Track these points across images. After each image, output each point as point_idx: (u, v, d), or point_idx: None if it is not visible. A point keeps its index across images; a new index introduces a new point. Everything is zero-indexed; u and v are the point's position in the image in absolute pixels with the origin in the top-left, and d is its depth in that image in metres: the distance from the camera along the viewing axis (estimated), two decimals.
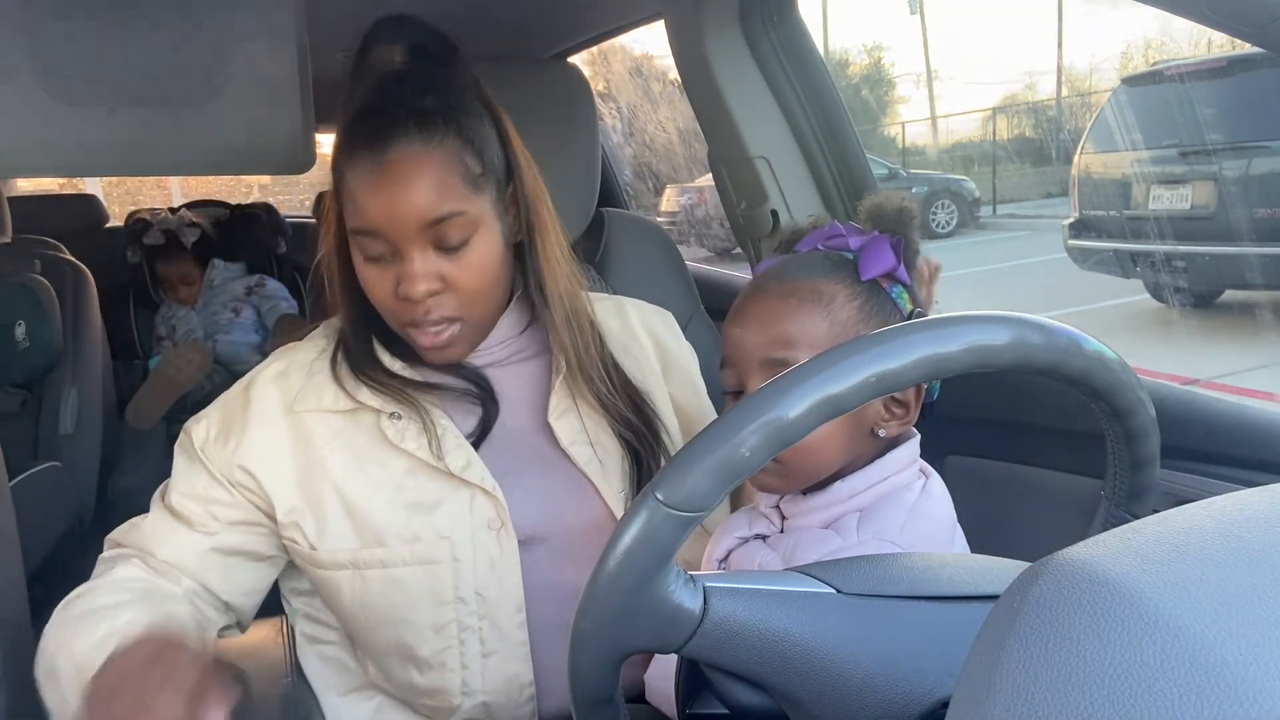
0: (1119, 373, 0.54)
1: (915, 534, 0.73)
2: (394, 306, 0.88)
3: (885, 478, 0.76)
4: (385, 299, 0.88)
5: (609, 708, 0.55)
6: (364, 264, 0.88)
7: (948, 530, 0.77)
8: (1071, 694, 0.30)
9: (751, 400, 0.47)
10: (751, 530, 0.81)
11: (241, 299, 3.11)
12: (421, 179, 0.84)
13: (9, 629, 0.90)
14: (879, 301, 0.77)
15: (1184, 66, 5.40)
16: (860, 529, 0.73)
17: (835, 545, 0.73)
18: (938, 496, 0.78)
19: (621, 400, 0.96)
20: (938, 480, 0.79)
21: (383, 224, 0.84)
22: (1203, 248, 5.03)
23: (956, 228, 11.02)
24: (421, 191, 0.84)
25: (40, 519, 1.86)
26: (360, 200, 0.85)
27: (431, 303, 0.86)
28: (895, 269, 0.77)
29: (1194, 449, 0.95)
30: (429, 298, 0.86)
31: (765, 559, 0.77)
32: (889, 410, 0.76)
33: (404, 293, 0.85)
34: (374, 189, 0.84)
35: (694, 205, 10.36)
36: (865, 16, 38.88)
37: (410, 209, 0.84)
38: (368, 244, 0.86)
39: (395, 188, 0.84)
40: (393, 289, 0.87)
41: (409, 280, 0.85)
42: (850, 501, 0.75)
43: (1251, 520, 0.35)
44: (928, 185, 11.16)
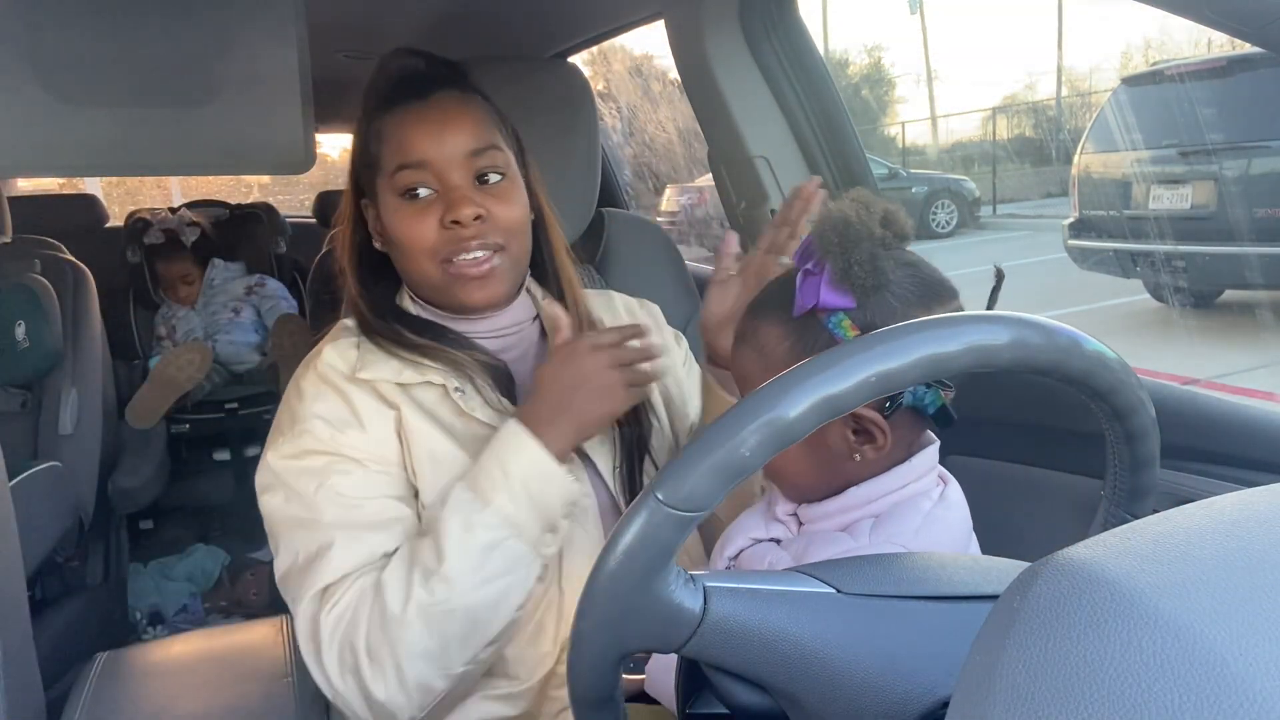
0: (1119, 373, 0.54)
1: (929, 540, 0.71)
2: (437, 241, 0.93)
3: (903, 485, 0.74)
4: (428, 234, 0.93)
5: (609, 707, 0.55)
6: (403, 204, 0.94)
7: (963, 538, 0.76)
8: (1071, 694, 0.30)
9: (751, 400, 0.47)
10: (768, 534, 0.81)
11: (241, 299, 3.11)
12: (463, 117, 0.95)
13: (9, 629, 0.90)
14: (812, 337, 0.72)
15: (1184, 66, 5.40)
16: (874, 533, 0.72)
17: (847, 546, 0.72)
18: (955, 505, 0.76)
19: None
20: (956, 488, 0.78)
21: (431, 152, 0.92)
22: (1203, 248, 5.03)
23: (956, 228, 11.01)
24: (465, 125, 0.94)
25: (40, 519, 1.85)
26: (406, 136, 0.93)
27: (478, 228, 0.93)
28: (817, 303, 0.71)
29: (1194, 449, 0.95)
30: (475, 222, 0.92)
31: (776, 558, 0.77)
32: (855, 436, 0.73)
33: (453, 216, 0.91)
34: (420, 124, 0.93)
35: (694, 205, 10.35)
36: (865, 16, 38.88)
37: (456, 137, 0.93)
38: (411, 177, 0.93)
39: (442, 120, 0.94)
40: (437, 223, 0.92)
41: (458, 204, 0.91)
42: (866, 507, 0.74)
43: (1252, 520, 0.35)
44: (927, 185, 11.15)
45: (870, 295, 0.71)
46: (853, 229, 0.70)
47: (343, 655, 0.83)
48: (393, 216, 0.95)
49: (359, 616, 0.83)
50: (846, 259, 0.70)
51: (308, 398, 0.93)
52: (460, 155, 0.93)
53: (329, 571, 0.85)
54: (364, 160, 0.98)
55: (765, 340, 0.75)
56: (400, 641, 0.81)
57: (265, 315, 3.08)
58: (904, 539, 0.71)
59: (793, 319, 0.73)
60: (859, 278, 0.70)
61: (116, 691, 1.02)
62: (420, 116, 0.94)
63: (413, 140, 0.93)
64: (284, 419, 0.94)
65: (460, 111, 0.95)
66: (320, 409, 0.91)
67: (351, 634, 0.83)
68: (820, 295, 0.71)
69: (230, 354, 3.00)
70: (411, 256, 0.95)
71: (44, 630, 1.81)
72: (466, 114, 0.95)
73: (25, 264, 2.18)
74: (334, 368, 0.94)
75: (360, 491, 0.89)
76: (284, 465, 0.90)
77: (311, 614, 0.85)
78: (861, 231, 0.70)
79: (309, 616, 0.85)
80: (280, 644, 1.11)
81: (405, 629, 0.81)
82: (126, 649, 1.14)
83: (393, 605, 0.82)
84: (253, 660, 1.08)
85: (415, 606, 0.81)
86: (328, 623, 0.84)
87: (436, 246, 0.93)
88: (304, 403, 0.92)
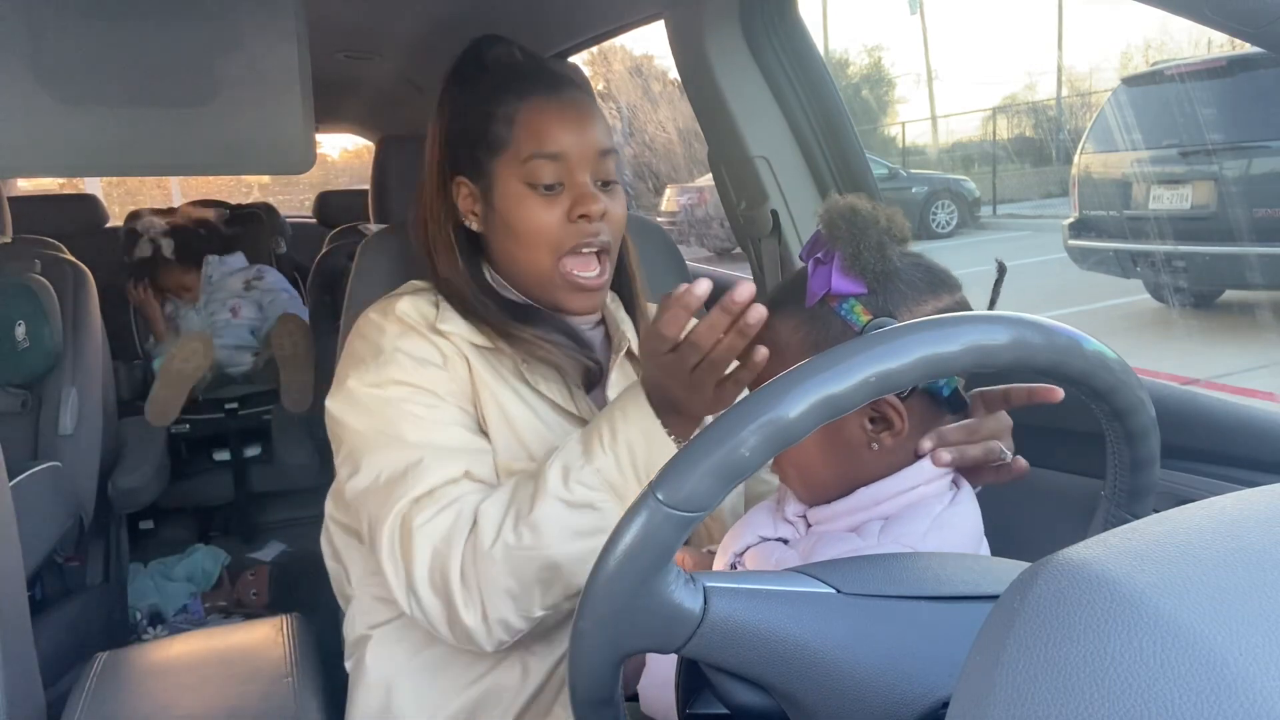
0: (1119, 373, 0.54)
1: (937, 543, 0.71)
2: (561, 234, 0.95)
3: (913, 486, 0.74)
4: (552, 225, 0.95)
5: (609, 707, 0.55)
6: (529, 194, 0.95)
7: (972, 544, 0.76)
8: (1071, 694, 0.30)
9: (751, 400, 0.47)
10: (776, 533, 0.80)
11: (240, 295, 3.10)
12: (594, 115, 0.98)
13: (9, 629, 0.89)
14: (824, 324, 0.73)
15: (1184, 66, 5.40)
16: (882, 534, 0.72)
17: (855, 546, 0.72)
18: (966, 509, 0.76)
19: None
20: (969, 492, 0.77)
21: (568, 147, 0.95)
22: (1203, 248, 5.03)
23: (956, 228, 11.01)
24: (597, 123, 0.98)
25: (40, 519, 1.85)
26: (545, 126, 0.95)
27: (600, 225, 0.96)
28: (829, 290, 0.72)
29: (1194, 449, 0.95)
30: (600, 219, 0.95)
31: (783, 557, 0.76)
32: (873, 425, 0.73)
33: (582, 210, 0.94)
34: (559, 116, 0.96)
35: (694, 205, 10.35)
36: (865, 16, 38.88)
37: (592, 134, 0.96)
38: (544, 169, 0.95)
39: (579, 116, 0.97)
40: (562, 216, 0.95)
41: (588, 199, 0.95)
42: (875, 508, 0.74)
43: (1252, 520, 0.35)
44: (928, 185, 11.15)
45: (881, 281, 0.72)
46: (861, 216, 0.72)
47: (433, 575, 0.85)
48: (515, 202, 0.96)
49: (454, 539, 0.85)
50: (856, 245, 0.71)
51: (390, 334, 0.95)
52: (594, 153, 0.96)
53: (420, 484, 0.87)
54: (474, 139, 0.99)
55: (780, 334, 0.76)
56: (486, 576, 0.83)
57: (267, 309, 3.07)
58: (912, 540, 0.71)
59: (805, 309, 0.74)
60: (870, 263, 0.71)
61: (116, 691, 1.02)
62: (560, 109, 0.96)
63: (552, 131, 0.95)
64: (363, 350, 0.95)
65: (590, 109, 0.98)
66: (404, 345, 0.94)
67: (445, 556, 0.84)
68: (832, 282, 0.72)
69: (223, 358, 3.00)
70: (529, 245, 0.97)
71: (44, 630, 1.81)
72: (595, 113, 0.98)
73: (25, 264, 2.18)
74: (413, 317, 0.96)
75: (442, 419, 0.91)
76: (367, 392, 0.92)
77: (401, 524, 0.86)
78: (869, 219, 0.72)
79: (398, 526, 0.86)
80: (280, 644, 1.11)
81: (491, 565, 0.83)
82: (126, 649, 1.13)
83: (484, 539, 0.83)
84: (253, 660, 1.08)
85: (501, 546, 0.83)
86: (421, 539, 0.85)
87: (560, 239, 0.95)
88: (387, 337, 0.95)
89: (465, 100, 1.00)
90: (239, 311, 3.07)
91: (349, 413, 0.93)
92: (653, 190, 12.20)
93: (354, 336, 0.99)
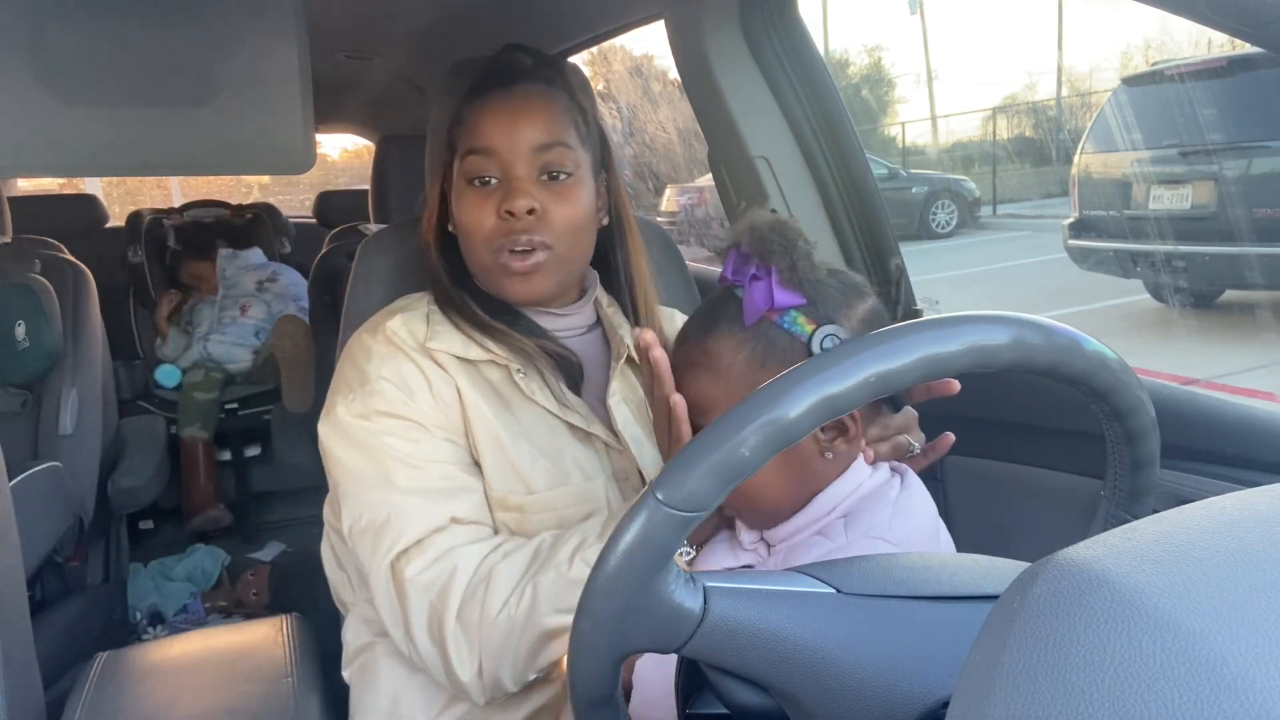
0: (1119, 373, 0.54)
1: (903, 528, 0.73)
2: (490, 231, 0.95)
3: (862, 481, 0.76)
4: (483, 222, 0.95)
5: (609, 707, 0.55)
6: (468, 189, 0.96)
7: (931, 527, 0.78)
8: (1071, 694, 0.30)
9: (752, 400, 0.47)
10: (738, 562, 0.81)
11: (252, 294, 3.11)
12: (540, 110, 0.96)
13: (9, 629, 0.89)
14: (767, 340, 0.74)
15: (1184, 66, 5.39)
16: (849, 530, 0.73)
17: (826, 548, 0.73)
18: (918, 492, 0.78)
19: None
20: (914, 476, 0.80)
21: (498, 141, 0.94)
22: (1203, 248, 5.03)
23: (956, 228, 11.01)
24: (539, 119, 0.95)
25: (40, 519, 1.85)
26: (481, 123, 0.95)
27: (529, 222, 0.94)
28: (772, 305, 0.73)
29: (1194, 449, 0.95)
30: (528, 215, 0.93)
31: None
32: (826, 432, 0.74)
33: (507, 207, 0.93)
34: (496, 113, 0.95)
35: (694, 205, 10.35)
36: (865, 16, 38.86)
37: (527, 130, 0.94)
38: (479, 163, 0.95)
39: (516, 112, 0.95)
40: (494, 210, 0.94)
41: (514, 194, 0.93)
42: (833, 511, 0.75)
43: (1252, 520, 0.35)
44: (928, 185, 11.14)
45: (816, 290, 0.74)
46: (789, 230, 0.74)
47: (430, 628, 0.85)
48: (458, 198, 0.97)
49: (449, 593, 0.85)
50: (790, 258, 0.73)
51: (377, 358, 0.94)
52: (527, 148, 0.94)
53: (406, 534, 0.87)
54: (446, 143, 1.02)
55: (720, 358, 0.75)
56: (487, 638, 0.83)
57: (275, 312, 3.08)
58: (880, 530, 0.72)
59: (744, 328, 0.74)
60: (806, 273, 0.73)
61: (116, 691, 1.02)
62: (498, 105, 0.96)
63: (485, 127, 0.95)
64: (351, 376, 0.95)
65: (538, 104, 0.96)
66: (389, 372, 0.93)
67: (440, 611, 0.84)
68: (774, 297, 0.73)
69: (221, 353, 3.00)
70: (470, 241, 0.97)
71: (44, 630, 1.81)
72: (543, 107, 0.96)
73: (25, 264, 2.18)
74: (402, 336, 0.96)
75: (427, 456, 0.90)
76: (353, 423, 0.91)
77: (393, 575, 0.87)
78: (795, 232, 0.74)
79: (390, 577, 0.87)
80: (280, 644, 1.11)
81: (493, 630, 0.83)
82: (126, 649, 1.13)
83: (492, 604, 0.83)
84: (253, 660, 1.08)
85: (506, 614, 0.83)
86: (415, 592, 0.85)
87: (490, 235, 0.95)
88: (373, 363, 0.94)
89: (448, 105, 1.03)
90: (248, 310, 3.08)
91: (336, 443, 0.92)
92: (653, 190, 12.19)
93: (344, 358, 0.99)
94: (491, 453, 0.93)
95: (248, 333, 3.05)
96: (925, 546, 0.75)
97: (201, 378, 2.93)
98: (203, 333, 3.04)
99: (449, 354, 0.95)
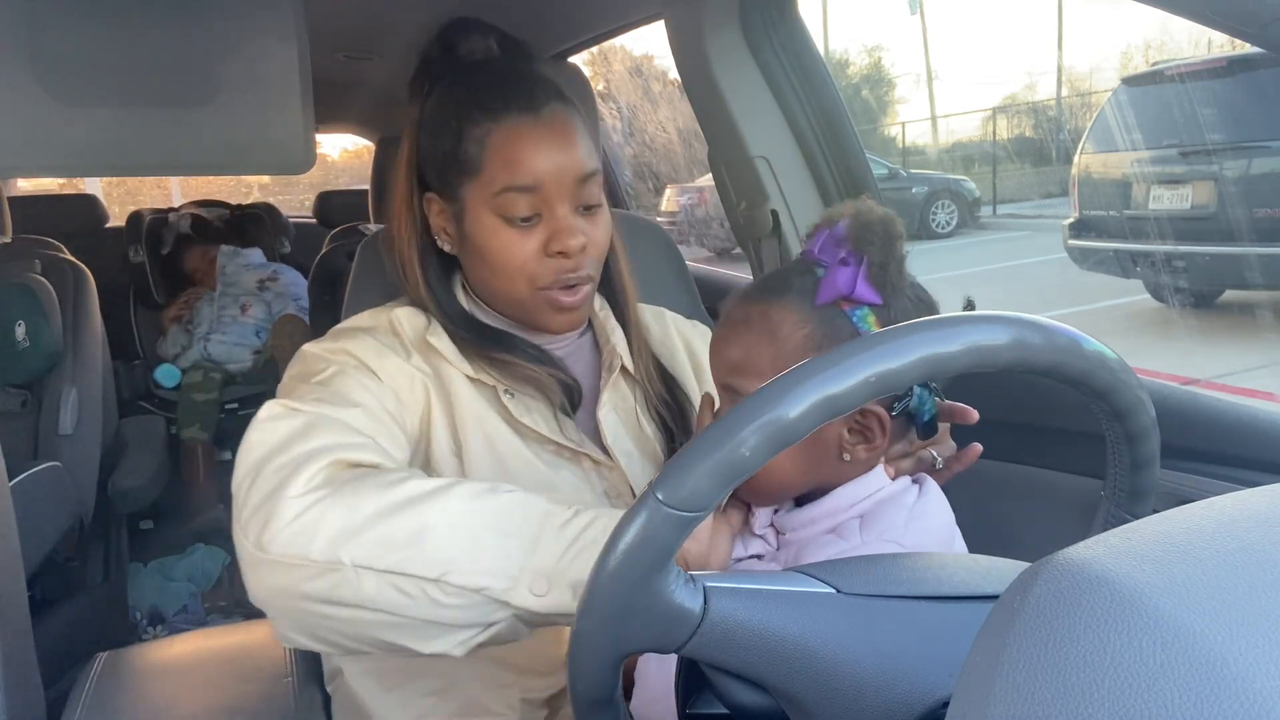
0: (1119, 373, 0.54)
1: (917, 534, 0.73)
2: (538, 269, 0.89)
3: (885, 484, 0.76)
4: (528, 261, 0.88)
5: (609, 707, 0.55)
6: (503, 228, 0.88)
7: (947, 532, 0.77)
8: (1071, 694, 0.30)
9: (752, 400, 0.47)
10: (747, 551, 0.81)
11: (253, 293, 3.11)
12: (576, 135, 0.89)
13: (9, 629, 0.90)
14: (833, 327, 0.72)
15: (1184, 66, 5.39)
16: (864, 531, 0.73)
17: (840, 548, 0.72)
18: (935, 499, 0.78)
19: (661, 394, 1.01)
20: (933, 484, 0.79)
21: (545, 177, 0.86)
22: (1203, 248, 5.03)
23: (956, 228, 11.01)
24: (579, 145, 0.88)
25: (40, 519, 1.85)
26: (519, 154, 0.86)
27: (579, 259, 0.89)
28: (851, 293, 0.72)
29: (1194, 449, 0.95)
30: (580, 252, 0.88)
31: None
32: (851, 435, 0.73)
33: (559, 248, 0.87)
34: (534, 142, 0.86)
35: (694, 205, 10.35)
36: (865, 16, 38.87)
37: (571, 161, 0.87)
38: (517, 202, 0.87)
39: (557, 139, 0.87)
40: (539, 249, 0.88)
41: (566, 234, 0.87)
42: (852, 509, 0.75)
43: (1252, 520, 0.35)
44: (928, 185, 11.14)
45: (895, 296, 0.72)
46: (895, 230, 0.72)
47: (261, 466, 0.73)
48: (488, 234, 0.89)
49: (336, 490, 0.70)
50: (886, 257, 0.71)
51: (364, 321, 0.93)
52: (573, 178, 0.88)
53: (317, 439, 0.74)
54: (444, 157, 0.91)
55: (779, 326, 0.74)
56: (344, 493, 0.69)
57: (274, 311, 3.09)
58: (896, 534, 0.72)
59: (813, 306, 0.73)
60: (894, 276, 0.72)
61: (116, 691, 1.02)
62: (535, 133, 0.87)
63: (527, 160, 0.86)
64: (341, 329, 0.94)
65: (573, 130, 0.89)
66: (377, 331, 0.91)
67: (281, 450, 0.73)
68: (855, 287, 0.71)
69: (222, 354, 3.01)
70: (503, 276, 0.90)
71: (44, 630, 1.81)
72: (578, 133, 0.89)
73: (25, 264, 2.18)
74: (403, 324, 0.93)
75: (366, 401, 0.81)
76: (313, 351, 0.89)
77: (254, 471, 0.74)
78: (899, 235, 0.72)
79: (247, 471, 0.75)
80: (280, 644, 1.11)
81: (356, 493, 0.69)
82: (126, 649, 1.14)
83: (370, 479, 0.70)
84: (253, 660, 1.08)
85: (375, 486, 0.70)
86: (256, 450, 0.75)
87: (536, 273, 0.89)
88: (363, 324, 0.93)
89: (436, 108, 0.92)
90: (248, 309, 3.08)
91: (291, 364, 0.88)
92: (653, 190, 12.19)
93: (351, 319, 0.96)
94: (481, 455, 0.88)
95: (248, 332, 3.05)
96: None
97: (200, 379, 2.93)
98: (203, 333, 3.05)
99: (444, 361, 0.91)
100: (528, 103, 0.88)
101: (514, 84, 0.90)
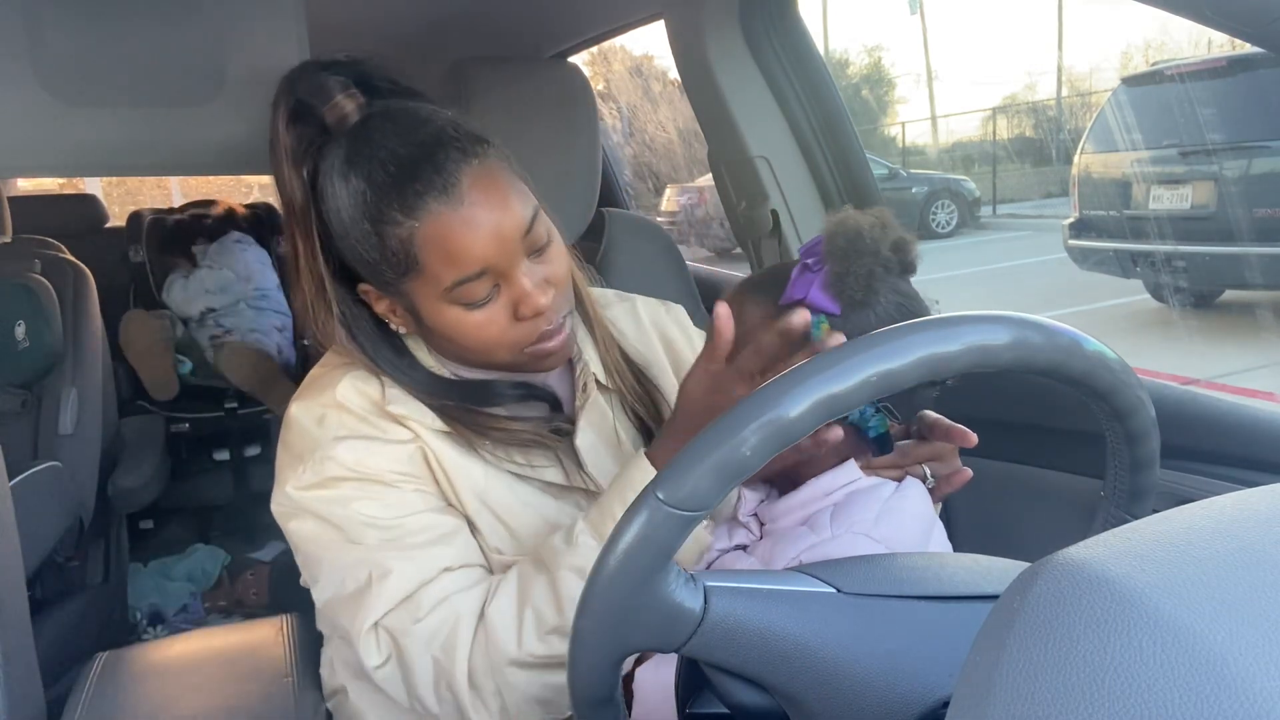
0: (1119, 373, 0.54)
1: (889, 528, 0.73)
2: (515, 336, 0.84)
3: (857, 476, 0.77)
4: (504, 333, 0.83)
5: (609, 707, 0.55)
6: (466, 314, 0.82)
7: (924, 526, 0.78)
8: (1071, 694, 0.30)
9: (752, 400, 0.47)
10: (732, 541, 0.81)
11: (245, 300, 3.10)
12: (503, 189, 0.80)
13: (9, 629, 0.90)
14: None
15: (1184, 66, 5.40)
16: (834, 523, 0.74)
17: (809, 541, 0.73)
18: (914, 496, 0.78)
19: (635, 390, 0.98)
20: (916, 483, 0.80)
21: (492, 255, 0.79)
22: (1203, 248, 5.03)
23: (956, 228, 11.00)
24: (510, 198, 0.80)
25: (40, 519, 1.85)
26: (458, 246, 0.78)
27: (551, 308, 0.84)
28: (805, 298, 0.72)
29: (1194, 449, 0.95)
30: (548, 300, 0.83)
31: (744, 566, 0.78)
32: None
33: (528, 311, 0.82)
34: (467, 225, 0.78)
35: (694, 205, 10.35)
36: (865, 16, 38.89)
37: (510, 221, 0.79)
38: (473, 290, 0.80)
39: (490, 210, 0.78)
40: (508, 319, 0.83)
41: (530, 298, 0.81)
42: (826, 499, 0.76)
43: (1252, 520, 0.35)
44: (927, 185, 11.14)
45: (855, 309, 0.72)
46: (862, 241, 0.72)
47: (438, 686, 0.79)
48: (451, 322, 0.83)
49: (454, 646, 0.78)
50: (845, 267, 0.72)
51: (328, 424, 0.85)
52: (517, 237, 0.80)
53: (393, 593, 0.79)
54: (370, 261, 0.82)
55: (749, 316, 0.77)
56: (509, 685, 0.78)
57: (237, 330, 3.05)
58: (865, 527, 0.73)
59: (778, 306, 0.75)
60: (851, 289, 0.72)
61: (116, 691, 1.02)
62: (464, 216, 0.78)
63: (468, 248, 0.78)
64: (300, 445, 0.86)
65: (495, 185, 0.80)
66: (344, 433, 0.84)
67: (448, 666, 0.78)
68: (810, 293, 0.72)
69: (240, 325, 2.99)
70: (480, 351, 0.85)
71: (44, 630, 1.81)
72: (501, 184, 0.80)
73: (25, 264, 2.18)
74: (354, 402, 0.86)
75: (400, 513, 0.82)
76: (307, 495, 0.83)
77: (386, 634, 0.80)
78: (868, 246, 0.72)
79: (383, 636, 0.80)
80: (280, 644, 1.11)
81: (517, 674, 0.78)
82: (126, 649, 1.14)
83: (504, 647, 0.78)
84: (253, 660, 1.08)
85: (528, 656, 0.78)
86: (414, 646, 0.79)
87: (515, 340, 0.84)
88: (324, 428, 0.85)
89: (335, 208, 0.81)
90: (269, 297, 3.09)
91: (293, 519, 0.84)
92: (653, 190, 12.19)
93: (287, 426, 0.88)
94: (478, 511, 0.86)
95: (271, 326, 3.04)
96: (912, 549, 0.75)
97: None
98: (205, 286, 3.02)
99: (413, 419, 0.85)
100: (443, 185, 0.78)
101: (420, 164, 0.78)
